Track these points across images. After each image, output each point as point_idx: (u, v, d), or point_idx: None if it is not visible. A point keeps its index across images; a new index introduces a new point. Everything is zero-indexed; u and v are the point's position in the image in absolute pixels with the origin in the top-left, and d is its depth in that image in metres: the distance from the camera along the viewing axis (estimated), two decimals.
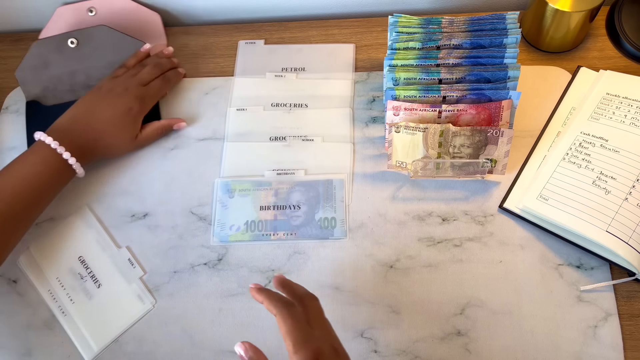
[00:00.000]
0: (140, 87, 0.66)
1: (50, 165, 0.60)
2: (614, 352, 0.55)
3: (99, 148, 0.64)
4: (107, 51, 0.71)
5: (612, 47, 0.72)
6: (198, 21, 0.82)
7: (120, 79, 0.67)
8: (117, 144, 0.66)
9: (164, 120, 0.69)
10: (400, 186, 0.65)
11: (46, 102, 0.71)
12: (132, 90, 0.66)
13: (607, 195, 0.58)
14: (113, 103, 0.64)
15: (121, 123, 0.64)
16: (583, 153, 0.62)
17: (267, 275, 0.61)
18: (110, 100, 0.65)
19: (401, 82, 0.61)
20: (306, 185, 0.65)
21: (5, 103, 0.74)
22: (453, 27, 0.63)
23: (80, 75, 0.72)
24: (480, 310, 0.58)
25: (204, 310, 0.60)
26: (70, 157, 0.60)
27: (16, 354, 0.59)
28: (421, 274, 0.60)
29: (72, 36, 0.70)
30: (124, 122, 0.65)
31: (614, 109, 0.65)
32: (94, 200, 0.66)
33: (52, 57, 0.70)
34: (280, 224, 0.63)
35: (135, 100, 0.65)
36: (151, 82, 0.68)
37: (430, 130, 0.59)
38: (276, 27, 0.78)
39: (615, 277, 0.58)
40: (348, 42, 0.76)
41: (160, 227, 0.64)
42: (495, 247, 0.61)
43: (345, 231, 0.63)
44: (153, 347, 0.58)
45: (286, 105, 0.72)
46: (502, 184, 0.64)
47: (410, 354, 0.56)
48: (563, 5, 0.66)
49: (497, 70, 0.60)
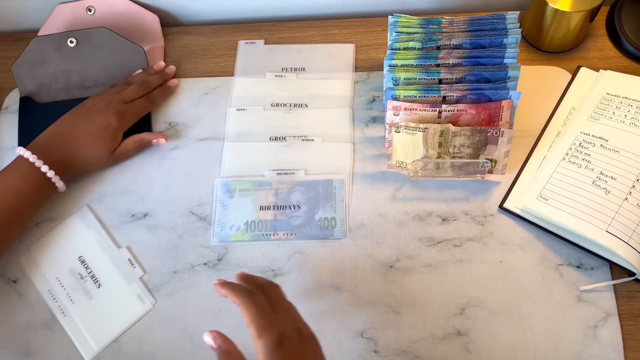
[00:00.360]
0: (121, 104, 0.66)
1: (30, 180, 0.60)
2: (614, 352, 0.55)
3: (77, 162, 0.64)
4: (105, 53, 0.71)
5: (612, 47, 0.72)
6: (198, 21, 0.82)
7: (104, 95, 0.67)
8: (94, 157, 0.65)
9: (143, 134, 0.68)
10: (400, 186, 0.65)
11: (40, 100, 0.71)
12: (113, 106, 0.66)
13: (607, 195, 0.58)
14: (93, 118, 0.65)
15: (99, 137, 0.64)
16: (583, 153, 0.62)
17: (267, 275, 0.61)
18: (90, 115, 0.65)
19: (401, 82, 0.61)
20: (306, 185, 0.65)
21: (5, 103, 0.74)
22: (453, 27, 0.63)
23: (75, 75, 0.72)
24: (480, 310, 0.58)
25: (204, 310, 0.60)
26: (49, 170, 0.61)
27: (16, 354, 0.59)
28: (421, 274, 0.60)
29: (72, 36, 0.70)
30: (101, 136, 0.64)
31: (614, 109, 0.65)
32: (94, 200, 0.66)
33: (50, 55, 0.71)
34: (280, 224, 0.63)
35: (115, 116, 0.65)
36: (135, 100, 0.68)
37: (430, 130, 0.59)
38: (276, 27, 0.78)
39: (615, 277, 0.58)
40: (348, 42, 0.76)
41: (160, 227, 0.64)
42: (495, 247, 0.61)
43: (345, 231, 0.63)
44: (153, 347, 0.58)
45: (286, 105, 0.72)
46: (502, 184, 0.64)
47: (410, 354, 0.56)
48: (563, 5, 0.66)
49: (497, 70, 0.60)
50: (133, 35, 0.76)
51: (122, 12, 0.76)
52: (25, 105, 0.71)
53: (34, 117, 0.71)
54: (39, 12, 0.78)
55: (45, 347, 0.59)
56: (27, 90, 0.72)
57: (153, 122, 0.71)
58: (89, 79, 0.72)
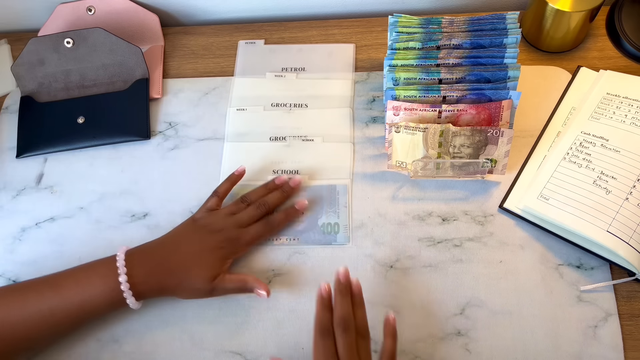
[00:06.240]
0: (236, 229, 0.59)
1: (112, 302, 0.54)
2: (614, 352, 0.55)
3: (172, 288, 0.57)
4: (103, 53, 0.71)
5: (612, 47, 0.72)
6: (198, 21, 0.82)
7: (218, 216, 0.60)
8: (192, 283, 0.56)
9: (250, 278, 0.58)
10: (400, 186, 0.65)
11: (40, 99, 0.71)
12: (227, 231, 0.59)
13: (607, 195, 0.58)
14: (203, 239, 0.58)
15: (204, 260, 0.57)
16: (583, 153, 0.62)
17: (267, 275, 0.61)
18: (202, 235, 0.58)
19: (401, 82, 0.61)
20: (309, 191, 0.65)
21: (5, 103, 0.74)
22: (453, 27, 0.63)
23: (74, 74, 0.72)
24: (480, 310, 0.58)
25: (204, 310, 0.60)
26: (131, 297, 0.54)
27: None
28: (421, 274, 0.60)
29: (68, 36, 0.70)
30: (207, 259, 0.57)
31: (614, 108, 0.64)
32: (94, 200, 0.66)
33: (48, 55, 0.71)
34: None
35: (226, 242, 0.58)
36: (251, 225, 0.60)
37: (430, 130, 0.59)
38: (276, 27, 0.78)
39: (615, 277, 0.58)
40: (348, 42, 0.76)
41: (160, 227, 0.64)
42: (495, 247, 0.61)
43: (348, 237, 0.62)
44: (153, 347, 0.58)
45: (286, 105, 0.72)
46: (502, 184, 0.64)
47: (410, 354, 0.56)
48: (563, 5, 0.66)
49: (497, 70, 0.60)
50: (133, 36, 0.76)
51: (122, 12, 0.76)
52: (26, 104, 0.71)
53: (34, 116, 0.71)
54: (39, 12, 0.78)
55: (46, 347, 0.59)
56: (28, 90, 0.72)
57: (153, 122, 0.71)
58: (88, 79, 0.72)
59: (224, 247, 0.58)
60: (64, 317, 0.53)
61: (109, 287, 0.54)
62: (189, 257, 0.57)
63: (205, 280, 0.56)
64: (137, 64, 0.72)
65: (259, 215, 0.61)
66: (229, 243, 0.58)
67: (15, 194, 0.68)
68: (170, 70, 0.76)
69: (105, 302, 0.54)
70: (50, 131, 0.70)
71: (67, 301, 0.53)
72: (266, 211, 0.61)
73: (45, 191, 0.68)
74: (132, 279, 0.54)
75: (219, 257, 0.57)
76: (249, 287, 0.57)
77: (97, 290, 0.54)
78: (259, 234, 0.60)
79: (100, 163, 0.69)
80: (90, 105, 0.71)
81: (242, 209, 0.61)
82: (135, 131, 0.70)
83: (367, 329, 0.51)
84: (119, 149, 0.70)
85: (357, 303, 0.52)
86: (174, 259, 0.57)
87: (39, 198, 0.67)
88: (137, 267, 0.55)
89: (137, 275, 0.54)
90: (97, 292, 0.54)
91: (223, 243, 0.58)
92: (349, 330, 0.49)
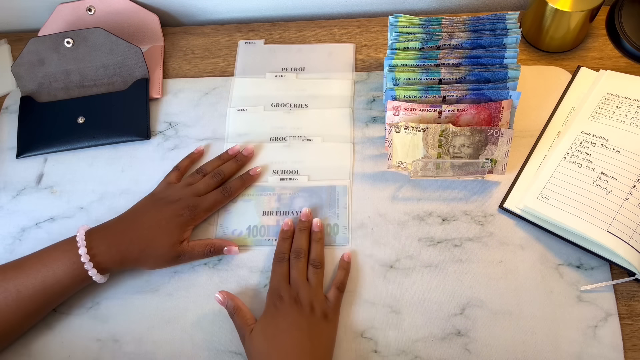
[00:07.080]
0: (193, 197, 0.61)
1: (74, 276, 0.56)
2: (614, 352, 0.55)
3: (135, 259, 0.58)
4: (103, 53, 0.71)
5: (612, 47, 0.72)
6: (198, 21, 0.82)
7: (175, 188, 0.63)
8: (155, 251, 0.58)
9: (215, 240, 0.62)
10: (400, 186, 0.65)
11: (40, 99, 0.71)
12: (185, 200, 0.61)
13: (607, 195, 0.58)
14: (162, 209, 0.60)
15: (165, 227, 0.59)
16: (583, 153, 0.62)
17: (267, 275, 0.61)
18: (159, 206, 0.61)
19: (401, 82, 0.61)
20: (309, 191, 0.65)
21: (5, 103, 0.74)
22: (453, 27, 0.63)
23: (75, 74, 0.72)
24: (480, 310, 0.58)
25: (204, 310, 0.60)
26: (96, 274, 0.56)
27: (16, 354, 0.59)
28: (421, 274, 0.60)
29: (68, 36, 0.70)
30: (167, 227, 0.59)
31: (614, 108, 0.64)
32: (94, 200, 0.67)
33: (48, 55, 0.71)
34: None
35: (186, 209, 0.60)
36: (208, 193, 0.63)
37: (430, 130, 0.59)
38: (276, 27, 0.78)
39: (615, 277, 0.58)
40: (348, 42, 0.76)
41: None
42: (495, 247, 0.61)
43: (347, 238, 0.62)
44: (153, 347, 0.58)
45: (286, 105, 0.72)
46: (502, 184, 0.64)
47: (410, 354, 0.56)
48: (563, 5, 0.66)
49: (497, 70, 0.60)
50: (133, 35, 0.76)
51: (122, 12, 0.76)
52: (26, 104, 0.71)
53: (34, 116, 0.71)
54: (39, 12, 0.78)
55: (45, 347, 0.59)
56: (28, 90, 0.72)
57: (153, 122, 0.71)
58: (88, 79, 0.72)
59: (183, 215, 0.60)
60: (30, 294, 0.55)
61: (71, 261, 0.56)
62: (149, 226, 0.59)
63: (167, 247, 0.59)
64: (137, 64, 0.72)
65: (215, 184, 0.64)
66: (187, 210, 0.60)
67: (15, 194, 0.68)
68: (170, 70, 0.76)
69: (68, 276, 0.56)
70: (50, 131, 0.70)
71: (31, 278, 0.55)
72: (222, 180, 0.64)
73: (45, 191, 0.68)
74: (92, 251, 0.56)
75: (178, 224, 0.59)
76: (217, 248, 0.61)
77: (60, 265, 0.55)
78: (217, 200, 0.63)
79: (100, 163, 0.69)
80: (90, 105, 0.71)
81: (199, 179, 0.64)
82: (135, 131, 0.70)
83: (321, 261, 0.60)
84: (119, 149, 0.70)
85: (315, 239, 0.61)
86: (133, 230, 0.59)
87: (39, 198, 0.67)
88: (97, 240, 0.57)
89: (97, 247, 0.56)
90: (59, 267, 0.55)
91: (182, 211, 0.60)
92: (300, 257, 0.59)
